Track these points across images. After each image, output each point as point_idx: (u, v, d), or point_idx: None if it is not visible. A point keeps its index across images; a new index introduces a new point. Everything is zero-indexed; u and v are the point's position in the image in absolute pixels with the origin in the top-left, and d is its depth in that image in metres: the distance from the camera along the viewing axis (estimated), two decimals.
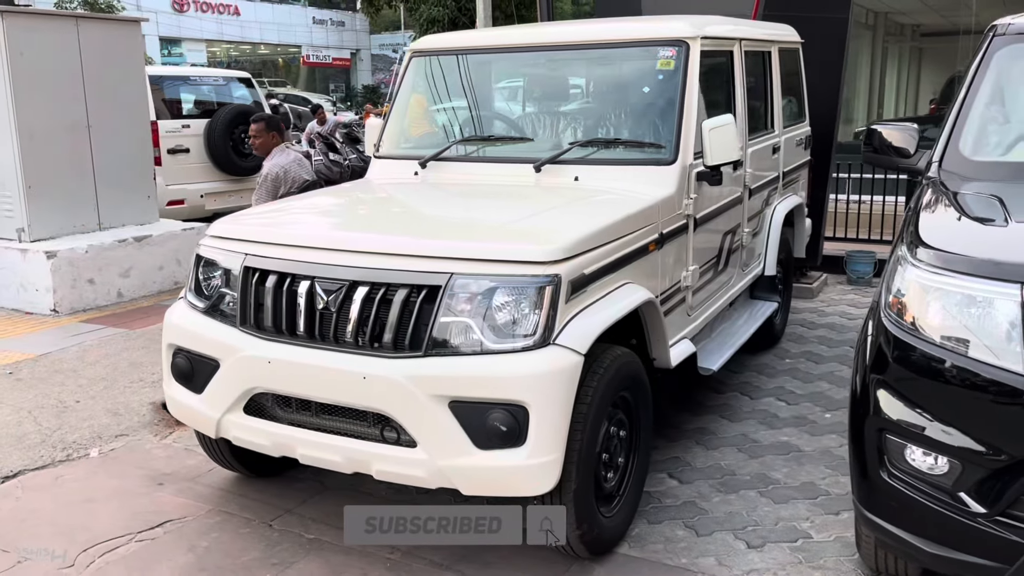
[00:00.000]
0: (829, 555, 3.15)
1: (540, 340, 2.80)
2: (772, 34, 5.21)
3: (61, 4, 24.56)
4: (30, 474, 3.90)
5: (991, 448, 2.29)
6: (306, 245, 3.13)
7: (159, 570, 3.13)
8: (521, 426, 2.74)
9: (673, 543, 3.27)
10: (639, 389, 3.29)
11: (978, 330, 2.34)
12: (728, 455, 4.01)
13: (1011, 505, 2.28)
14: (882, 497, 2.55)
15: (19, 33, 6.26)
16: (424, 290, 2.86)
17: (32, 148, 6.42)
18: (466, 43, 4.43)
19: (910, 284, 2.53)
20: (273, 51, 45.47)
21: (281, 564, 3.16)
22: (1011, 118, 3.41)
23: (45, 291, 6.26)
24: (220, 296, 3.29)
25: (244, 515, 3.52)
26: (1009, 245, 2.46)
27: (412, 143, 4.45)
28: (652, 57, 3.96)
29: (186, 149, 9.04)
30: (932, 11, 15.85)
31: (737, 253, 4.64)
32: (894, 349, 2.51)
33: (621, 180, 3.72)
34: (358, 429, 3.00)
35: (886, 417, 2.51)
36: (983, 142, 3.30)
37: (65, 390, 4.82)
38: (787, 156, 5.40)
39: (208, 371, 3.23)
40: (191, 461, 4.01)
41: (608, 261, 3.13)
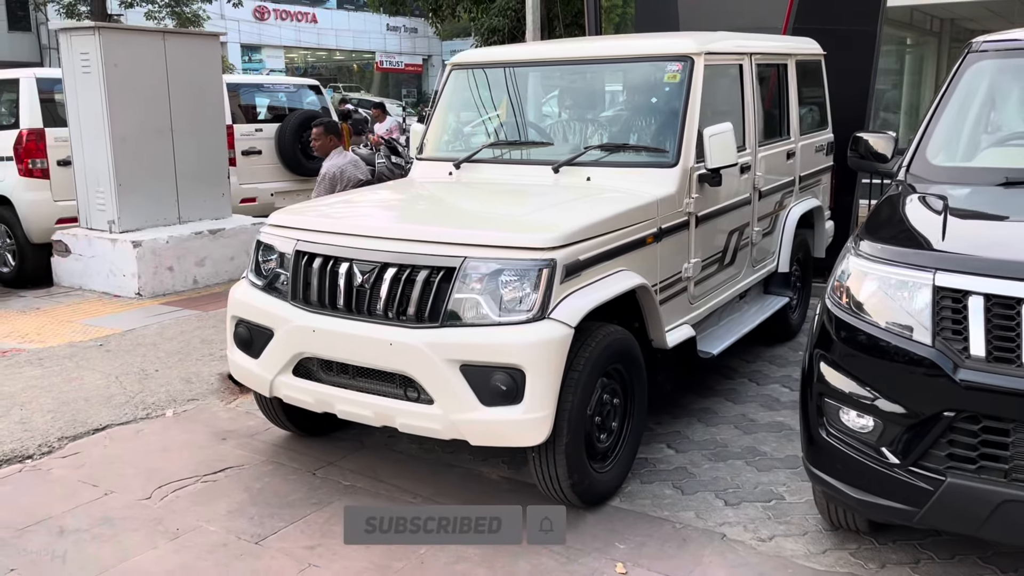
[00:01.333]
0: (796, 513, 3.56)
1: (537, 314, 3.29)
2: (788, 47, 5.59)
3: (151, 14, 25.89)
4: (116, 428, 4.55)
5: (905, 408, 2.70)
6: (346, 232, 3.68)
7: (219, 504, 3.72)
8: (519, 386, 3.23)
9: (660, 499, 3.71)
10: (632, 363, 3.75)
11: (899, 310, 2.74)
12: (725, 431, 4.42)
13: (921, 457, 2.67)
14: (822, 453, 2.97)
15: (113, 47, 7.03)
16: (442, 271, 3.38)
17: (123, 150, 7.19)
18: (498, 58, 4.95)
19: (850, 270, 2.94)
20: (348, 57, 46.78)
21: (320, 503, 3.72)
22: (978, 128, 3.75)
23: (131, 276, 7.01)
24: (276, 276, 3.87)
25: (293, 465, 4.10)
26: (932, 238, 2.85)
27: (450, 146, 4.98)
28: (661, 71, 4.41)
29: (258, 151, 9.77)
30: (998, 17, 15.74)
31: (746, 250, 5.04)
32: (833, 326, 2.92)
33: (628, 180, 4.17)
34: (386, 389, 3.54)
35: (826, 384, 2.93)
36: (949, 149, 3.66)
37: (146, 360, 5.50)
38: (804, 161, 5.76)
39: (264, 339, 3.81)
40: (251, 422, 4.61)
41: (604, 250, 3.60)
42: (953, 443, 2.62)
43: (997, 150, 3.62)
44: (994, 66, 3.83)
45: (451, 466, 4.06)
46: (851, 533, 3.35)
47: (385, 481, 3.91)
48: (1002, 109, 3.78)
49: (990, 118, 3.77)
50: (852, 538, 3.34)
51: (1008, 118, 3.87)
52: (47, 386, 5.05)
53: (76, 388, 5.02)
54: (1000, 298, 2.53)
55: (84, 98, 7.17)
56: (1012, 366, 2.51)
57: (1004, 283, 2.53)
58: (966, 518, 2.61)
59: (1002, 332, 2.53)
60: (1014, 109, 3.79)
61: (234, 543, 3.40)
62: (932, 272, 2.67)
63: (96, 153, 7.21)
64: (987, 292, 2.55)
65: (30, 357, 5.56)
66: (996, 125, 3.74)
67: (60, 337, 6.02)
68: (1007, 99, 3.80)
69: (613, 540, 3.38)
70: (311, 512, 3.63)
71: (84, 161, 7.35)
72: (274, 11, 40.48)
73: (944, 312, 2.63)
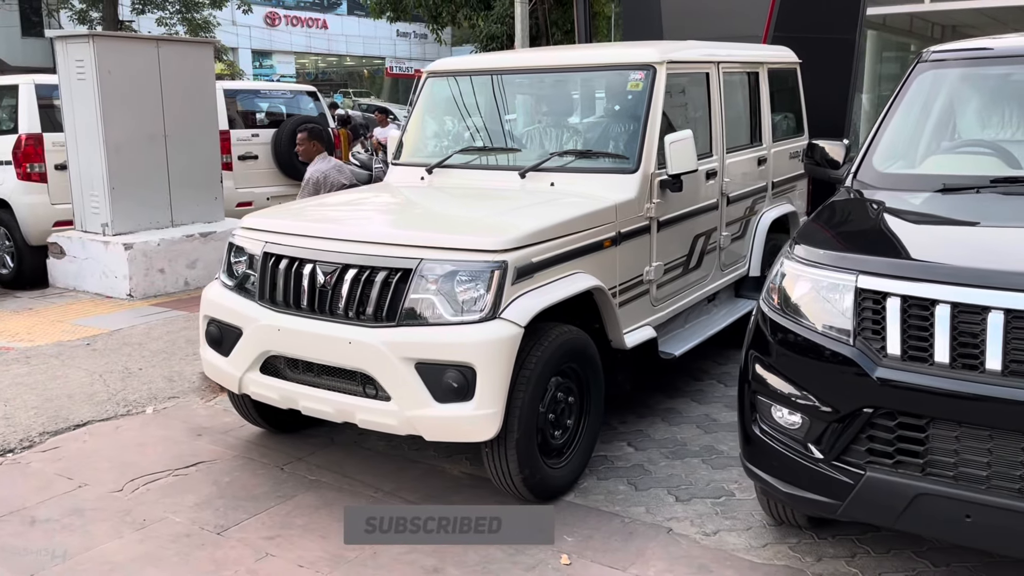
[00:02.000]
0: (743, 509, 3.66)
1: (488, 314, 3.41)
2: (760, 56, 5.69)
3: (163, 20, 26.20)
4: (96, 424, 4.70)
5: (829, 405, 2.80)
6: (311, 235, 3.82)
7: (187, 497, 3.86)
8: (470, 383, 3.35)
9: (613, 495, 3.82)
10: (587, 363, 3.86)
11: (826, 311, 2.84)
12: (686, 430, 4.53)
13: (843, 452, 2.78)
14: (756, 449, 3.07)
15: (107, 55, 7.21)
16: (399, 272, 3.51)
17: (117, 155, 7.37)
18: (471, 66, 5.08)
19: (784, 272, 3.04)
20: (358, 63, 47.04)
21: (284, 497, 3.84)
22: (924, 136, 3.85)
23: (123, 278, 7.18)
24: (245, 276, 4.01)
25: (262, 460, 4.23)
26: (860, 243, 2.96)
27: (423, 152, 5.11)
28: (624, 79, 4.53)
29: (255, 156, 9.93)
30: (999, 23, 15.76)
31: (713, 254, 5.15)
32: (767, 327, 3.03)
33: (590, 186, 4.29)
34: (347, 386, 3.66)
35: (760, 382, 3.04)
36: (895, 156, 3.77)
37: (131, 359, 5.65)
38: (777, 167, 5.86)
39: (234, 337, 3.94)
40: (227, 419, 4.74)
41: (558, 252, 3.72)
42: (872, 439, 2.72)
43: (940, 157, 3.72)
44: (942, 76, 3.93)
45: (415, 462, 4.18)
46: (792, 528, 3.45)
47: (350, 476, 4.03)
48: (948, 118, 3.87)
49: (936, 126, 3.87)
50: (793, 533, 3.44)
51: (963, 126, 3.96)
52: (32, 383, 5.21)
53: (60, 385, 5.18)
54: (915, 299, 2.63)
55: (79, 104, 7.36)
56: (926, 364, 2.61)
57: (919, 285, 2.63)
58: (883, 511, 2.71)
59: (917, 332, 2.63)
60: (959, 118, 3.88)
61: (197, 533, 3.53)
62: (855, 275, 2.78)
63: (91, 158, 7.39)
64: (904, 294, 2.65)
65: (18, 355, 5.73)
66: (941, 133, 3.84)
67: (49, 336, 6.19)
68: (953, 108, 3.89)
69: (562, 533, 3.48)
70: (274, 504, 3.76)
71: (79, 165, 7.53)
72: (285, 17, 40.78)
73: (865, 313, 2.74)
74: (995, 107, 3.88)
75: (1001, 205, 3.22)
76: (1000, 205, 3.22)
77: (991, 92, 3.93)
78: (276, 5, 39.54)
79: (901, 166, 3.73)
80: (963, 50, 3.88)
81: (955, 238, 3.06)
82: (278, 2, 39.25)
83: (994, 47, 3.88)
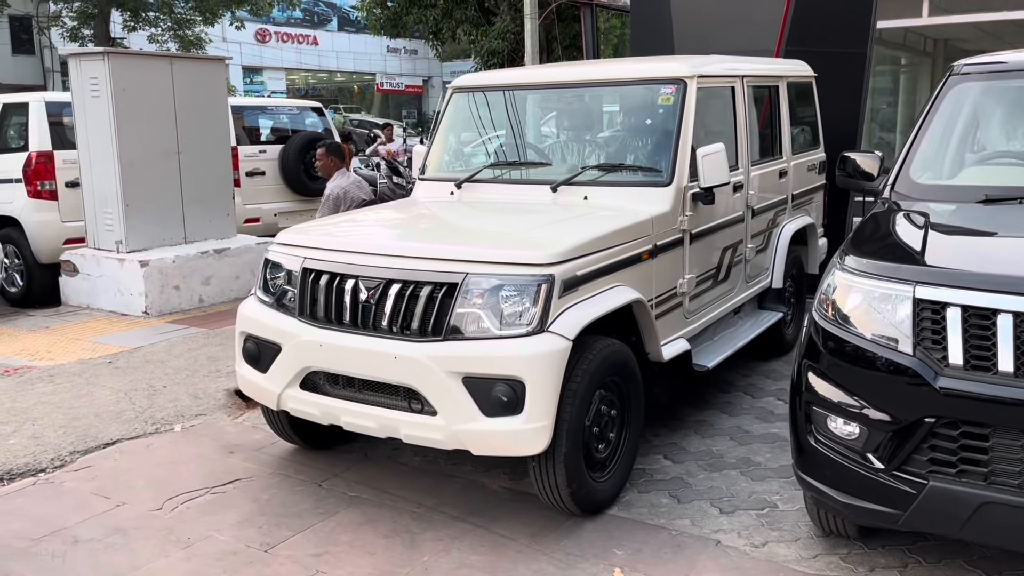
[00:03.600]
0: (789, 520, 3.67)
1: (536, 328, 3.42)
2: (780, 69, 5.75)
3: (154, 38, 26.20)
4: (126, 442, 4.66)
5: (889, 415, 2.82)
6: (352, 250, 3.82)
7: (228, 514, 3.83)
8: (519, 397, 3.35)
9: (656, 508, 3.82)
10: (629, 376, 3.87)
11: (882, 321, 2.87)
12: (720, 443, 4.54)
13: (904, 462, 2.79)
14: (811, 460, 3.08)
15: (122, 72, 7.21)
16: (444, 287, 3.51)
17: (131, 172, 7.35)
18: (498, 81, 5.10)
19: (835, 284, 3.07)
20: (349, 79, 47.13)
21: (326, 513, 3.82)
22: (960, 147, 3.89)
23: (138, 295, 7.15)
24: (283, 292, 4.00)
25: (299, 477, 4.21)
26: (913, 253, 2.98)
27: (451, 167, 5.13)
28: (655, 93, 4.56)
29: (262, 172, 9.92)
30: (991, 37, 15.95)
31: (740, 266, 5.18)
32: (820, 337, 3.05)
33: (624, 199, 4.31)
34: (390, 401, 3.65)
35: (813, 393, 3.05)
36: (931, 168, 3.81)
37: (155, 377, 5.62)
38: (796, 180, 5.91)
39: (272, 354, 3.93)
40: (257, 436, 4.72)
41: (600, 266, 3.73)
42: (934, 448, 2.74)
43: (978, 169, 3.77)
44: (974, 88, 3.98)
45: (453, 477, 4.17)
46: (842, 538, 3.46)
47: (389, 492, 4.02)
48: (983, 129, 3.92)
49: (971, 138, 3.91)
50: (842, 543, 3.44)
51: (988, 138, 4.02)
52: (58, 402, 5.17)
53: (86, 404, 5.14)
54: (976, 309, 2.66)
55: (93, 121, 7.34)
56: (988, 374, 2.63)
57: (980, 295, 2.66)
58: (947, 520, 2.72)
59: (978, 341, 2.65)
60: (994, 129, 3.93)
61: (243, 551, 3.50)
62: (912, 285, 2.80)
63: (104, 175, 7.37)
64: (964, 303, 2.68)
65: (41, 374, 5.69)
66: (977, 144, 3.88)
67: (70, 355, 6.15)
68: (987, 119, 3.94)
69: (611, 547, 3.48)
70: (318, 521, 3.74)
71: (92, 183, 7.51)
72: (275, 33, 40.86)
73: (924, 323, 2.76)
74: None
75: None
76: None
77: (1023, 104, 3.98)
78: (266, 22, 39.59)
79: (939, 177, 3.77)
80: (996, 63, 3.94)
81: (1008, 248, 3.09)
82: (268, 19, 39.28)
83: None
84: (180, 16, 26.65)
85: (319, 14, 43.50)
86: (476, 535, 3.60)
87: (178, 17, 26.66)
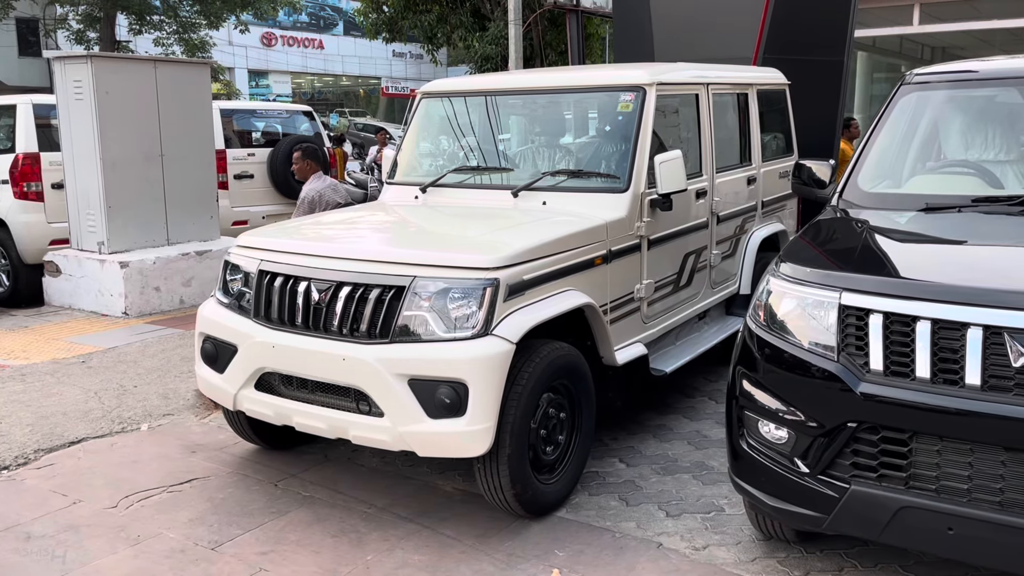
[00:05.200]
0: (733, 524, 3.70)
1: (481, 331, 3.46)
2: (749, 77, 5.79)
3: (160, 41, 26.35)
4: (91, 441, 4.72)
5: (814, 420, 2.85)
6: (305, 252, 3.87)
7: (181, 513, 3.88)
8: (462, 399, 3.40)
9: (604, 510, 3.86)
10: (579, 379, 3.91)
11: (811, 328, 2.90)
12: (677, 447, 4.57)
13: (828, 466, 2.83)
14: (745, 464, 3.12)
15: (105, 75, 7.29)
16: (392, 289, 3.56)
17: (113, 174, 7.43)
18: (465, 87, 5.15)
19: (771, 289, 3.10)
20: (355, 83, 47.29)
21: (278, 512, 3.87)
22: (908, 156, 3.93)
23: (119, 296, 7.22)
24: (241, 294, 4.06)
25: (256, 476, 4.26)
26: (844, 260, 3.02)
27: (418, 171, 5.17)
28: (615, 100, 4.61)
29: (250, 175, 9.99)
30: (986, 44, 15.96)
31: (704, 272, 5.21)
32: (754, 343, 3.08)
33: (582, 205, 4.35)
34: (341, 403, 3.70)
35: (747, 397, 3.09)
36: (879, 176, 3.84)
37: (126, 377, 5.68)
38: (767, 187, 5.94)
39: (229, 354, 3.98)
40: (221, 436, 4.77)
41: (549, 270, 3.77)
42: (857, 452, 2.77)
43: (923, 177, 3.80)
44: (925, 97, 4.01)
45: (408, 479, 4.21)
46: (781, 542, 3.49)
47: (344, 492, 4.06)
48: (931, 139, 3.95)
49: (922, 147, 3.94)
50: (781, 547, 3.47)
51: (936, 147, 4.04)
52: (27, 400, 5.23)
53: (55, 403, 5.20)
54: (897, 316, 2.69)
55: (76, 124, 7.42)
56: (907, 379, 2.66)
57: (900, 302, 2.69)
58: (868, 524, 2.75)
59: (899, 348, 2.69)
60: (942, 139, 3.96)
61: (191, 549, 3.55)
62: (839, 292, 2.84)
63: (87, 177, 7.45)
64: (885, 310, 2.71)
65: (13, 373, 5.75)
66: (925, 154, 3.92)
67: (44, 354, 6.21)
68: (936, 129, 3.97)
69: (553, 548, 3.52)
70: (268, 520, 3.79)
71: (76, 184, 7.59)
72: (281, 37, 41.02)
73: (849, 329, 2.80)
74: (977, 128, 3.96)
75: (982, 224, 3.29)
76: (981, 224, 3.29)
77: (973, 113, 4.02)
78: (272, 25, 39.76)
79: (886, 186, 3.80)
80: (946, 72, 3.97)
81: (936, 256, 3.13)
82: (274, 23, 39.46)
83: (978, 69, 3.97)
84: (185, 20, 26.80)
85: (325, 18, 43.67)
86: (422, 536, 3.64)
87: (183, 21, 26.80)
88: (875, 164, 3.85)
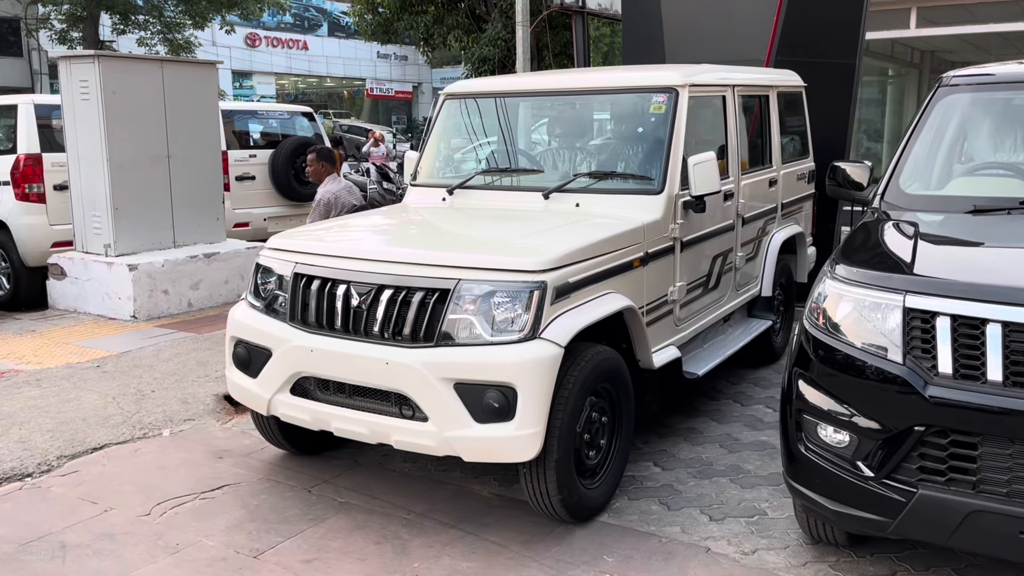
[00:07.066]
0: (778, 528, 3.68)
1: (528, 334, 3.42)
2: (770, 79, 5.79)
3: (144, 41, 26.09)
4: (114, 447, 4.63)
5: (879, 424, 2.83)
6: (344, 255, 3.81)
7: (217, 520, 3.81)
8: (511, 404, 3.36)
9: (646, 515, 3.83)
10: (620, 383, 3.88)
11: (872, 330, 2.89)
12: (710, 450, 4.55)
13: (894, 470, 2.81)
14: (801, 468, 3.10)
15: (112, 75, 7.18)
16: (436, 293, 3.51)
17: (120, 176, 7.31)
18: (490, 88, 5.11)
19: (826, 293, 3.09)
20: (339, 84, 47.07)
21: (316, 519, 3.81)
22: (949, 158, 3.93)
23: (127, 299, 7.11)
24: (274, 297, 3.99)
25: (289, 482, 4.19)
26: (903, 263, 3.01)
27: (443, 173, 5.13)
28: (647, 101, 4.59)
29: (252, 176, 9.89)
30: (977, 49, 16.10)
31: (730, 274, 5.20)
32: (811, 346, 3.06)
33: (616, 207, 4.33)
34: (381, 407, 3.65)
35: (804, 401, 3.07)
36: (921, 178, 3.84)
37: (143, 382, 5.59)
38: (786, 189, 5.94)
39: (262, 359, 3.92)
40: (246, 441, 4.70)
41: (592, 273, 3.74)
42: (924, 456, 2.75)
43: (966, 179, 3.80)
44: (963, 99, 4.02)
45: (443, 483, 4.16)
46: (831, 546, 3.47)
47: (379, 498, 4.01)
48: (971, 140, 3.96)
49: (960, 149, 3.95)
50: (831, 551, 3.46)
51: (977, 148, 4.06)
52: (45, 406, 5.13)
53: (74, 408, 5.11)
54: (965, 318, 2.68)
55: (82, 124, 7.31)
56: (977, 383, 2.65)
57: (969, 304, 2.68)
58: (936, 528, 2.74)
59: (968, 351, 2.68)
60: (983, 140, 3.97)
61: (233, 557, 3.49)
62: (903, 294, 2.82)
63: (93, 178, 7.33)
64: (953, 313, 2.70)
65: (28, 378, 5.64)
66: (965, 155, 3.92)
67: (57, 359, 6.10)
68: (976, 130, 3.98)
69: (601, 554, 3.49)
70: (308, 527, 3.73)
71: (81, 186, 7.47)
72: (265, 38, 40.77)
73: (914, 332, 2.78)
74: (1015, 130, 3.97)
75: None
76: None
77: (1011, 115, 4.02)
78: (256, 26, 39.51)
79: (928, 188, 3.80)
80: (985, 75, 3.98)
81: (997, 258, 3.12)
82: (259, 23, 39.21)
83: (1016, 72, 3.97)
84: (170, 20, 26.57)
85: (309, 19, 43.44)
86: (467, 542, 3.60)
87: (168, 21, 26.58)
88: (915, 166, 3.85)
